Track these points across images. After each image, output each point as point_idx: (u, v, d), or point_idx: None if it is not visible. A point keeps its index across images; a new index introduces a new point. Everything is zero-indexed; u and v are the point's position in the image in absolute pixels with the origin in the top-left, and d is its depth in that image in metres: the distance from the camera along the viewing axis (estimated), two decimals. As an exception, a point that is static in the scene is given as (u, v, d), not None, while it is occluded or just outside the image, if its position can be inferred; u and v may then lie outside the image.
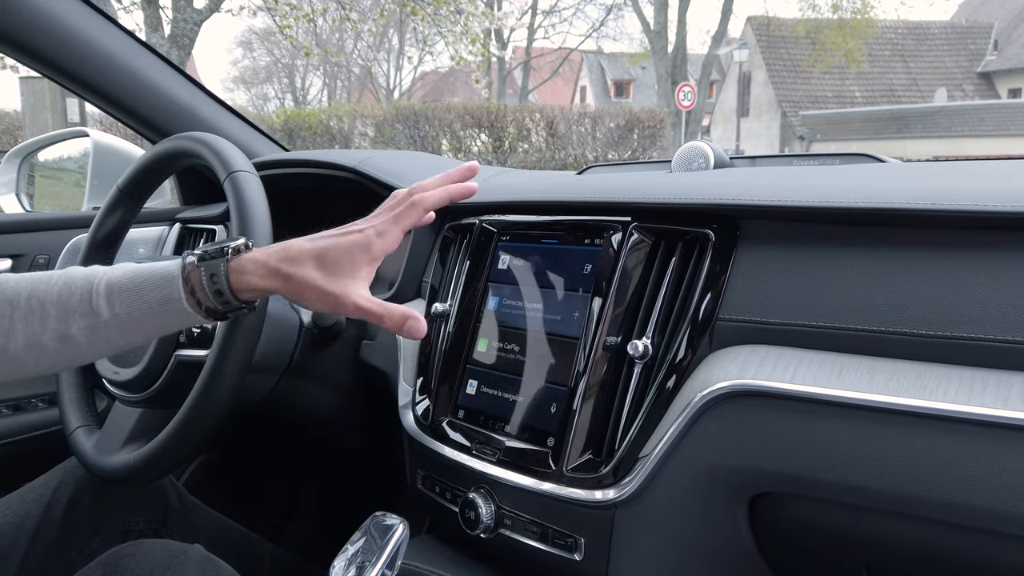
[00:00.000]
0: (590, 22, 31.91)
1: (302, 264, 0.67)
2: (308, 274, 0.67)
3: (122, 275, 0.67)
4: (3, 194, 1.61)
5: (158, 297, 0.67)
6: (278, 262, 0.67)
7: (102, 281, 0.67)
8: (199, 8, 7.66)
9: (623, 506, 0.72)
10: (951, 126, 13.90)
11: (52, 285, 0.67)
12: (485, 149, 10.68)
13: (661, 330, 0.75)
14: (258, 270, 0.67)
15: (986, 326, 0.57)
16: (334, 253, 0.67)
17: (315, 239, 0.69)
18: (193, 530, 1.05)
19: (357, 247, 0.68)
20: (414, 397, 0.94)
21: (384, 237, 0.70)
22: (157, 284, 0.67)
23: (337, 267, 0.67)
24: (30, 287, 0.67)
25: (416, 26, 9.75)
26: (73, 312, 0.66)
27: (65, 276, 0.68)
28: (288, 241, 0.70)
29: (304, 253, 0.67)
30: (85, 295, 0.66)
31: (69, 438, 1.00)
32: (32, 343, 0.66)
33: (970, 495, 0.55)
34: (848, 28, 17.27)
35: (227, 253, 0.67)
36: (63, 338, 0.66)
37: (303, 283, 0.67)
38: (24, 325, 0.65)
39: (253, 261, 0.68)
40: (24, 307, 0.66)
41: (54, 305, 0.66)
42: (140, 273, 0.67)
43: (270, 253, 0.68)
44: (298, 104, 27.01)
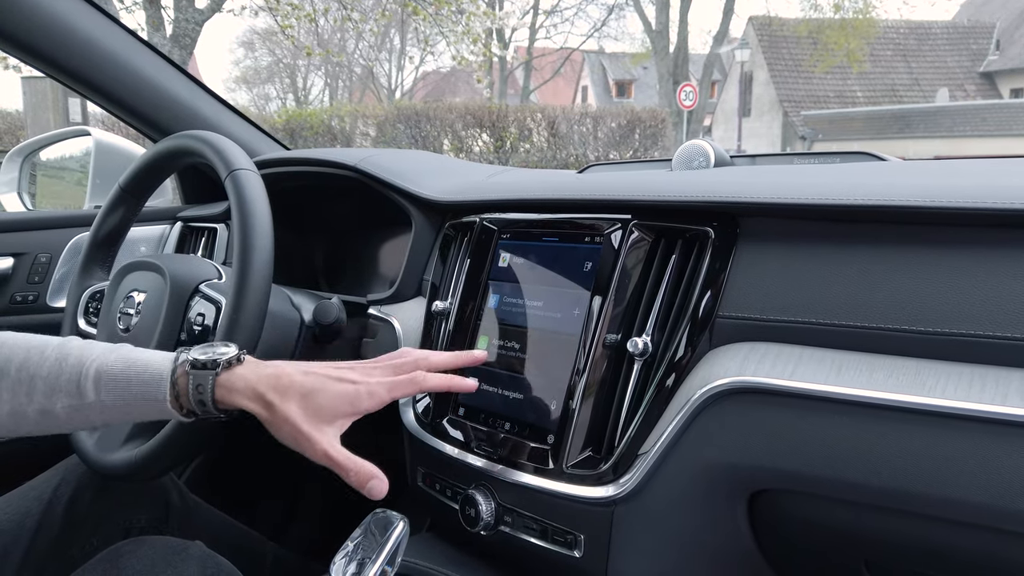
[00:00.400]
0: (592, 22, 31.97)
1: (288, 398, 0.67)
2: (290, 410, 0.67)
3: (114, 363, 0.68)
4: (5, 193, 1.61)
5: (143, 393, 0.68)
6: (266, 388, 0.67)
7: (92, 366, 0.68)
8: (201, 8, 7.66)
9: (623, 503, 0.72)
10: (953, 126, 13.89)
11: (44, 359, 0.68)
12: (487, 149, 10.68)
13: (661, 327, 0.75)
14: (245, 390, 0.68)
15: (985, 323, 0.57)
16: (321, 398, 0.68)
17: (308, 373, 0.69)
18: (194, 528, 1.05)
19: (344, 400, 0.69)
20: (414, 395, 0.95)
21: (372, 398, 0.70)
22: (145, 382, 0.68)
23: (319, 412, 0.68)
24: (23, 356, 0.68)
25: (418, 26, 9.76)
26: (60, 391, 0.67)
27: (58, 352, 0.68)
28: (280, 367, 0.70)
29: (293, 387, 0.68)
30: (74, 377, 0.67)
31: (70, 435, 1.00)
32: (15, 411, 0.67)
33: (969, 491, 0.55)
34: (850, 28, 17.25)
35: (218, 367, 0.68)
36: (44, 412, 0.68)
37: (283, 417, 0.67)
38: (10, 395, 0.67)
39: (243, 379, 0.68)
40: (13, 377, 0.67)
41: (43, 380, 0.67)
42: (132, 365, 0.68)
43: (260, 376, 0.68)
44: (300, 104, 27.03)
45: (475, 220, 0.97)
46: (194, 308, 0.96)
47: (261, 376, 0.68)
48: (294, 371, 0.69)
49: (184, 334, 0.96)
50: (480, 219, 0.96)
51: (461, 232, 1.00)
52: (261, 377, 0.68)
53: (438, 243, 1.05)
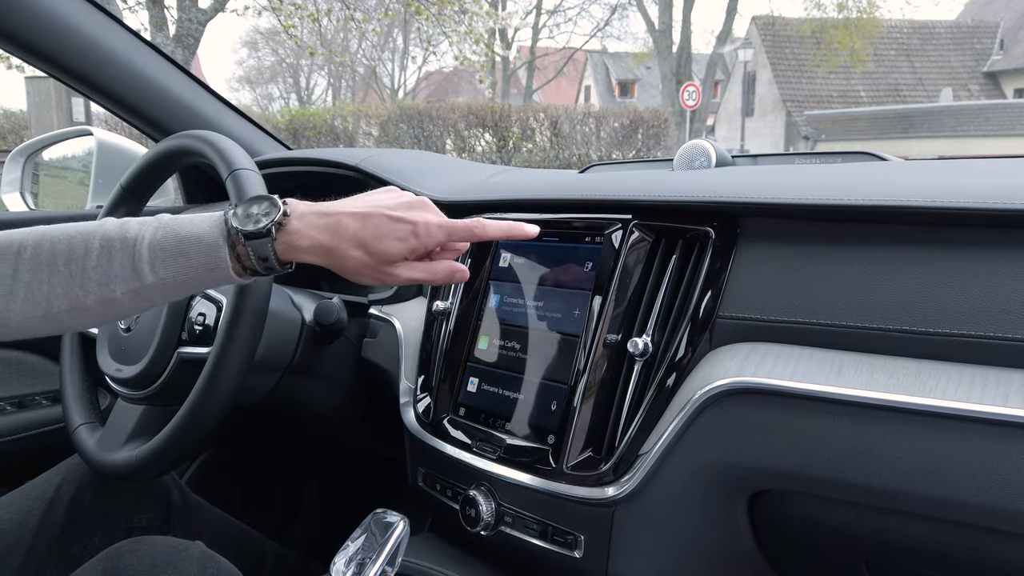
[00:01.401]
0: (595, 22, 31.98)
1: (352, 248, 0.68)
2: (356, 258, 0.69)
3: (164, 238, 0.66)
4: (8, 192, 1.62)
5: (204, 264, 0.66)
6: (329, 241, 0.67)
7: (143, 244, 0.65)
8: (204, 8, 7.68)
9: (623, 503, 0.72)
10: (956, 126, 13.86)
11: (90, 249, 0.65)
12: (489, 149, 10.68)
13: (661, 328, 0.75)
14: (311, 248, 0.67)
15: (986, 323, 0.57)
16: (384, 244, 0.69)
17: (366, 219, 0.69)
18: (195, 527, 1.05)
19: (404, 243, 0.70)
20: (415, 395, 0.95)
21: (430, 237, 0.72)
22: (203, 252, 0.66)
23: (384, 256, 0.70)
24: (67, 249, 0.65)
25: (420, 26, 9.77)
26: (116, 277, 0.65)
27: (103, 238, 0.65)
28: (337, 216, 0.69)
29: (355, 238, 0.68)
30: (127, 260, 0.65)
31: (72, 435, 1.00)
32: (75, 306, 0.65)
33: (969, 492, 0.55)
34: (854, 27, 17.21)
35: (272, 234, 0.66)
36: (105, 301, 0.65)
37: (351, 268, 0.69)
38: (65, 290, 0.64)
39: (304, 237, 0.67)
40: (63, 272, 0.64)
41: (94, 271, 0.64)
42: (184, 238, 0.66)
43: (320, 230, 0.68)
44: (303, 104, 27.07)
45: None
46: (195, 308, 0.96)
47: (321, 230, 0.67)
48: (351, 220, 0.68)
49: (185, 333, 0.96)
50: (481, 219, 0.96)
51: (462, 232, 1.00)
52: (322, 231, 0.67)
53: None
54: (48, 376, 1.30)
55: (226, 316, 0.85)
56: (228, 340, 0.84)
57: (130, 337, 0.99)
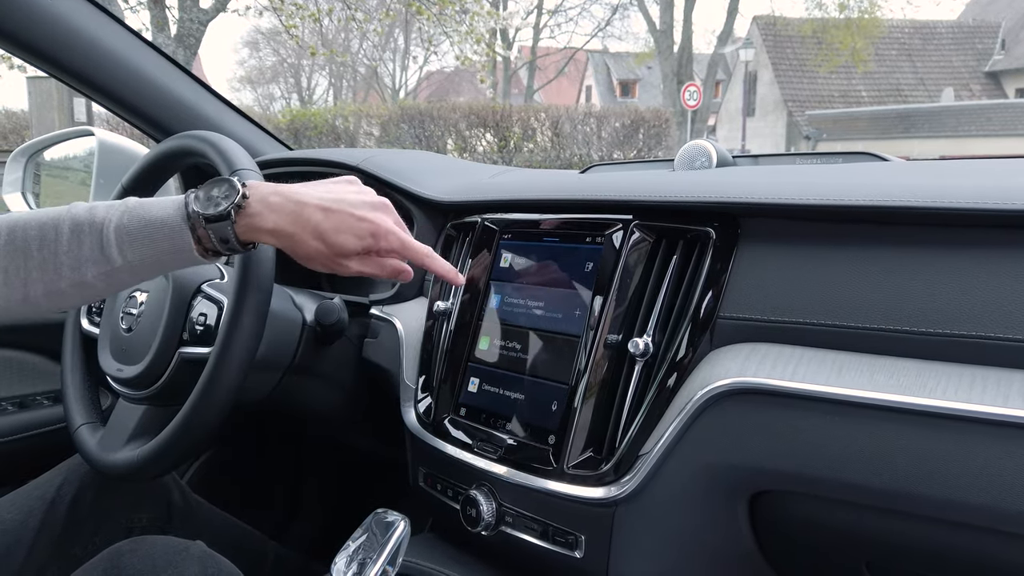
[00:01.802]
0: (596, 21, 31.98)
1: (311, 236, 0.70)
2: (313, 247, 0.71)
3: (129, 222, 0.68)
4: (9, 193, 1.62)
5: (170, 247, 0.68)
6: (288, 226, 0.69)
7: (110, 228, 0.67)
8: (205, 8, 7.68)
9: (623, 504, 0.72)
10: (958, 126, 13.85)
11: (60, 234, 0.67)
12: (490, 149, 10.68)
13: (662, 328, 0.75)
14: (271, 231, 0.69)
15: (987, 324, 0.57)
16: (341, 237, 0.72)
17: (329, 211, 0.71)
18: (196, 527, 1.05)
19: (361, 240, 0.73)
20: (416, 395, 0.95)
21: (387, 243, 0.74)
22: (168, 236, 0.68)
23: (340, 249, 0.72)
24: (39, 235, 0.67)
25: (421, 26, 9.77)
26: (86, 261, 0.67)
27: (72, 223, 0.67)
28: (300, 202, 0.71)
29: (316, 226, 0.70)
30: (95, 243, 0.67)
31: (73, 435, 1.00)
32: (50, 290, 0.67)
33: (970, 493, 0.55)
34: (855, 27, 17.19)
35: (231, 216, 0.68)
36: (78, 284, 0.67)
37: (306, 253, 0.71)
38: (40, 274, 0.67)
39: (264, 219, 0.69)
40: (37, 257, 0.67)
41: (66, 255, 0.67)
42: (149, 222, 0.68)
43: (282, 215, 0.70)
44: (304, 104, 27.07)
45: (477, 220, 0.97)
46: (196, 308, 0.96)
47: (282, 214, 0.69)
48: (315, 211, 0.70)
49: (186, 333, 0.96)
50: (482, 219, 0.96)
51: (463, 232, 1.00)
52: (283, 216, 0.69)
53: (440, 243, 1.05)
54: (49, 376, 1.30)
55: (227, 316, 0.85)
56: (229, 340, 0.84)
57: (131, 337, 0.99)
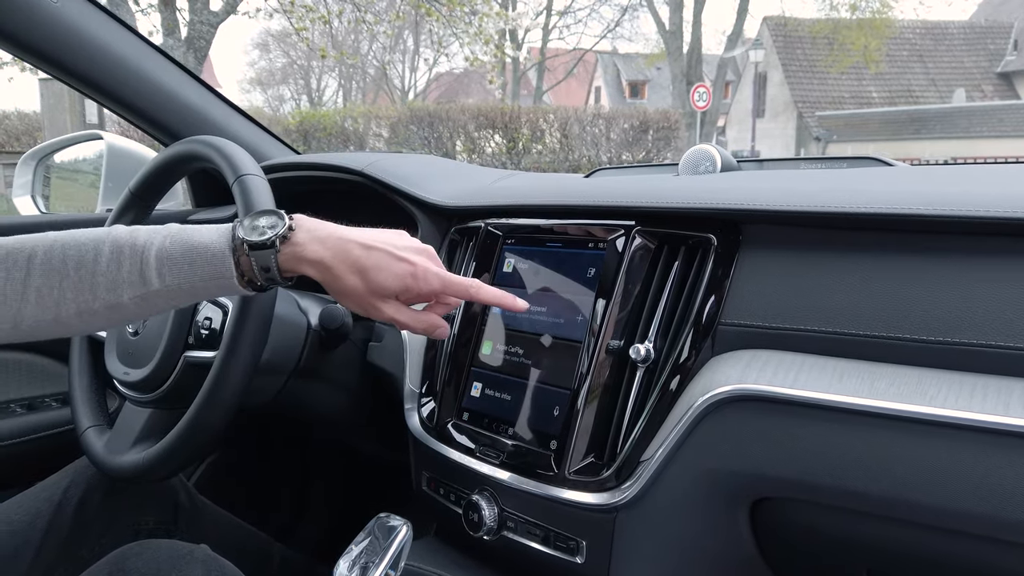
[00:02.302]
0: (605, 23, 31.96)
1: (350, 272, 0.70)
2: (352, 283, 0.70)
3: (172, 246, 0.68)
4: (20, 196, 1.63)
5: (210, 273, 0.68)
6: (331, 260, 0.69)
7: (151, 253, 0.67)
8: (215, 11, 7.72)
9: (625, 509, 0.72)
10: (970, 127, 13.77)
11: (100, 255, 0.67)
12: (499, 150, 10.69)
13: (664, 334, 0.75)
14: (312, 262, 0.69)
15: (988, 332, 0.57)
16: (381, 276, 0.71)
17: (370, 249, 0.71)
18: (202, 529, 1.06)
19: (400, 281, 0.72)
20: (419, 399, 0.95)
21: (427, 284, 0.73)
22: (209, 262, 0.68)
23: (378, 289, 0.71)
24: (77, 255, 0.67)
25: (431, 27, 9.78)
26: (123, 283, 0.67)
27: (112, 245, 0.67)
28: (343, 238, 0.71)
29: (356, 262, 0.70)
30: (135, 267, 0.67)
31: (80, 438, 1.01)
32: (83, 310, 0.67)
33: (970, 502, 0.55)
34: (867, 27, 17.11)
35: (276, 245, 0.68)
36: (112, 307, 0.67)
37: (344, 289, 0.70)
38: (75, 295, 0.66)
39: (307, 250, 0.69)
40: (73, 277, 0.66)
41: (103, 276, 0.66)
42: (191, 247, 0.68)
43: (325, 248, 0.70)
44: (313, 105, 27.16)
45: (480, 225, 0.97)
46: (201, 312, 0.97)
47: (326, 247, 0.70)
48: (357, 245, 0.70)
49: (192, 337, 0.97)
50: (485, 224, 0.96)
51: (466, 237, 1.01)
52: (326, 248, 0.69)
53: (444, 247, 1.05)
54: (57, 378, 1.31)
55: (232, 320, 0.86)
56: (234, 344, 0.84)
57: (138, 341, 1.00)
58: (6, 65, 7.79)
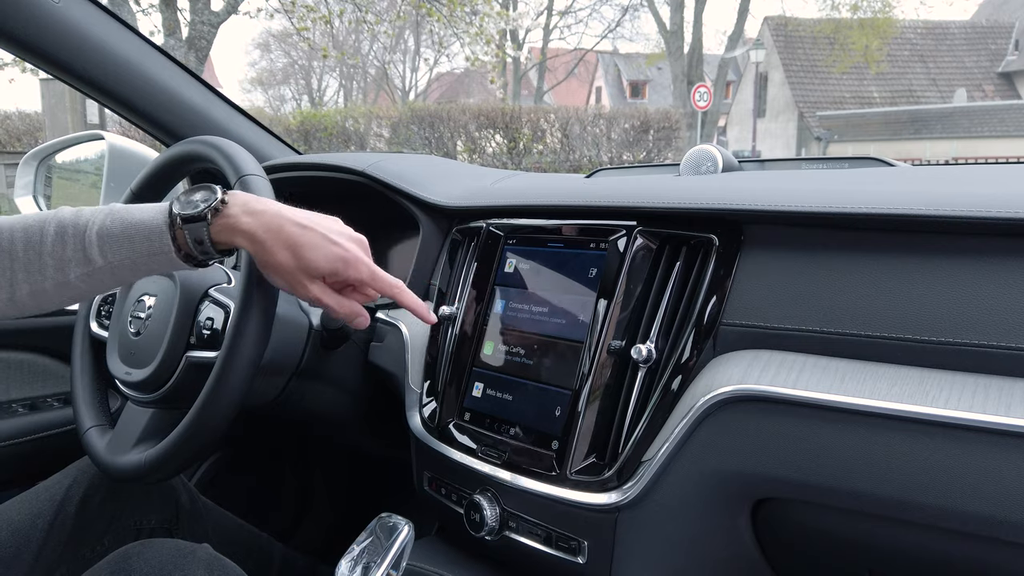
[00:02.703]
0: (606, 23, 31.96)
1: (282, 247, 0.72)
2: (283, 258, 0.72)
3: (112, 224, 0.70)
4: (22, 196, 1.63)
5: (148, 248, 0.71)
6: (263, 233, 0.71)
7: (93, 230, 0.70)
8: (216, 11, 7.72)
9: (626, 510, 0.72)
10: (971, 127, 13.77)
11: (45, 235, 0.70)
12: (500, 150, 10.69)
13: (665, 334, 0.75)
14: (245, 233, 0.71)
15: (989, 332, 0.57)
16: (312, 254, 0.73)
17: (305, 228, 0.73)
18: (204, 529, 1.06)
19: (330, 263, 0.74)
20: (421, 399, 0.95)
21: (357, 272, 0.75)
22: (147, 238, 0.70)
23: (308, 267, 0.73)
24: (24, 236, 0.70)
25: (432, 27, 9.78)
26: (69, 261, 0.70)
27: (57, 225, 0.70)
28: (279, 214, 0.73)
29: (289, 238, 0.72)
30: (79, 246, 0.70)
31: (82, 437, 1.01)
32: (35, 291, 0.70)
33: (971, 502, 0.55)
34: (868, 28, 17.10)
35: (207, 218, 0.70)
36: (61, 285, 0.70)
37: (275, 263, 0.72)
38: (25, 275, 0.69)
39: (240, 223, 0.71)
40: (23, 258, 0.69)
41: (50, 256, 0.69)
42: (131, 225, 0.70)
43: (259, 222, 0.71)
44: (315, 105, 27.16)
45: (482, 225, 0.97)
46: (203, 312, 0.97)
47: (259, 221, 0.71)
48: (292, 223, 0.72)
49: (193, 337, 0.97)
50: (486, 224, 0.96)
51: (468, 237, 1.01)
52: (259, 222, 0.71)
53: (446, 248, 1.05)
54: (59, 378, 1.31)
55: (234, 320, 0.86)
56: (235, 344, 0.84)
57: (139, 341, 1.00)
58: (7, 66, 7.79)
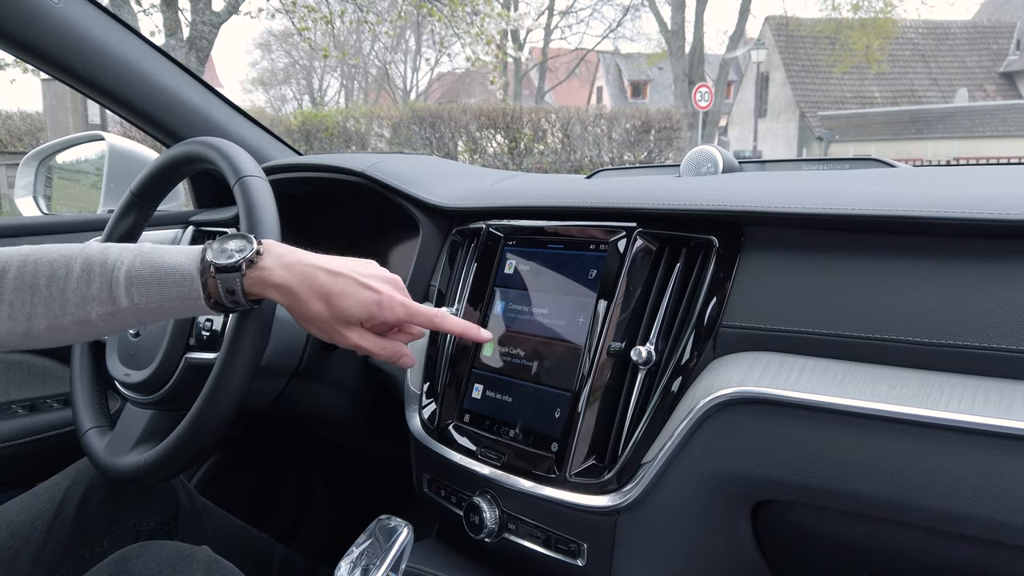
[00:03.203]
0: (607, 23, 31.97)
1: (315, 298, 0.71)
2: (316, 309, 0.71)
3: (141, 266, 0.69)
4: (22, 196, 1.63)
5: (177, 294, 0.69)
6: (296, 285, 0.70)
7: (121, 272, 0.69)
8: (217, 11, 7.72)
9: (626, 512, 0.72)
10: (972, 127, 13.76)
11: (71, 271, 0.68)
12: (501, 150, 10.70)
13: (665, 336, 0.75)
14: (277, 286, 0.70)
15: (990, 335, 0.57)
16: (345, 302, 0.72)
17: (336, 275, 0.72)
18: (203, 530, 1.06)
19: (365, 308, 0.72)
20: (421, 401, 0.95)
21: (392, 312, 0.74)
22: (177, 283, 0.69)
23: (342, 315, 0.72)
24: (49, 271, 0.68)
25: (433, 27, 9.78)
26: (93, 300, 0.68)
27: (83, 262, 0.69)
28: (309, 264, 0.72)
29: (321, 288, 0.71)
30: (105, 285, 0.68)
31: (82, 439, 1.01)
32: (53, 326, 0.69)
33: (972, 505, 0.55)
34: (870, 27, 17.09)
35: (242, 269, 0.69)
36: (81, 323, 0.69)
37: (310, 315, 0.71)
38: (45, 310, 0.68)
39: (272, 274, 0.70)
40: (44, 293, 0.68)
41: (73, 293, 0.68)
42: (160, 267, 0.69)
43: (291, 273, 0.70)
44: (316, 105, 27.17)
45: (481, 226, 0.97)
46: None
47: (292, 273, 0.70)
48: (323, 273, 0.71)
49: (193, 339, 0.97)
50: (486, 225, 0.96)
51: (468, 238, 1.01)
52: (292, 274, 0.70)
53: (445, 249, 1.05)
54: (59, 379, 1.31)
55: (233, 322, 0.85)
56: (235, 346, 0.84)
57: (139, 342, 1.00)
58: (8, 66, 7.81)
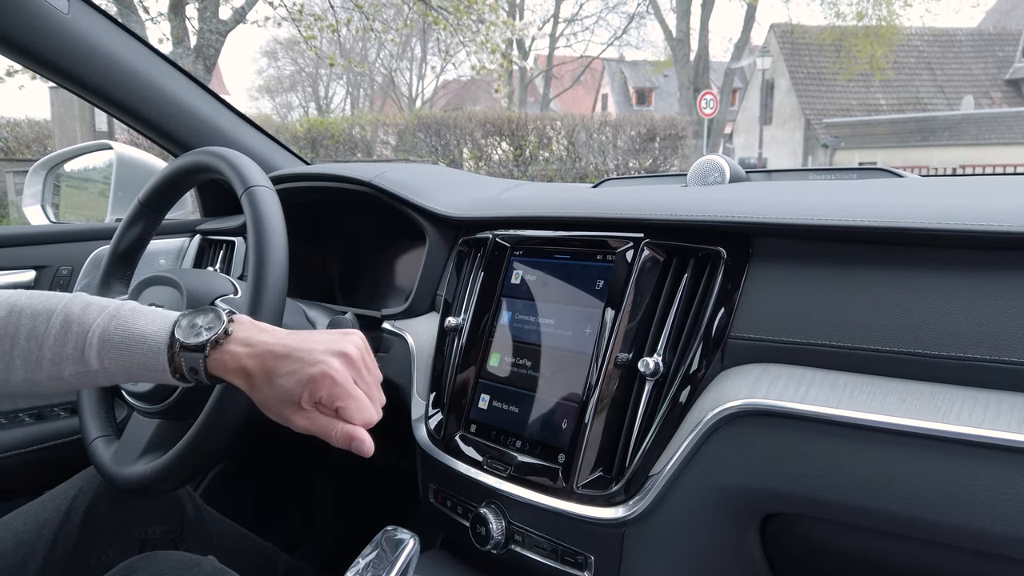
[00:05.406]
0: (612, 30, 32.02)
1: (264, 381, 0.67)
2: (264, 393, 0.68)
3: (115, 330, 0.70)
4: (30, 205, 1.64)
5: (143, 363, 0.70)
6: (252, 367, 0.68)
7: (95, 335, 0.70)
8: (224, 19, 7.76)
9: (633, 524, 0.72)
10: (978, 134, 13.73)
11: (50, 327, 0.70)
12: (506, 158, 10.70)
13: (673, 347, 0.74)
14: (235, 370, 0.68)
15: (1000, 347, 0.56)
16: (288, 382, 0.67)
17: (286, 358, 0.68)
18: (209, 540, 1.05)
19: (305, 388, 0.67)
20: (427, 411, 0.95)
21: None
22: (144, 353, 0.70)
23: (287, 396, 0.67)
24: (30, 325, 0.70)
25: (438, 35, 9.80)
26: (66, 359, 0.70)
27: (63, 319, 0.70)
28: (267, 345, 0.69)
29: (270, 371, 0.67)
30: (79, 346, 0.69)
31: (88, 448, 1.01)
32: (28, 379, 0.70)
33: (983, 519, 0.54)
34: (874, 35, 17.07)
35: (206, 349, 0.68)
36: (54, 379, 0.70)
37: (260, 400, 0.69)
38: (22, 363, 0.70)
39: (233, 358, 0.68)
40: (23, 346, 0.69)
41: (49, 349, 0.69)
42: (131, 336, 0.70)
43: (249, 355, 0.68)
44: (321, 113, 27.27)
45: (488, 236, 0.97)
46: (210, 323, 0.97)
47: (251, 356, 0.68)
48: (273, 354, 0.67)
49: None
50: (493, 235, 0.96)
51: (474, 248, 1.01)
52: (251, 357, 0.68)
53: (452, 258, 1.05)
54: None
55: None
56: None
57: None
58: (17, 73, 7.85)
